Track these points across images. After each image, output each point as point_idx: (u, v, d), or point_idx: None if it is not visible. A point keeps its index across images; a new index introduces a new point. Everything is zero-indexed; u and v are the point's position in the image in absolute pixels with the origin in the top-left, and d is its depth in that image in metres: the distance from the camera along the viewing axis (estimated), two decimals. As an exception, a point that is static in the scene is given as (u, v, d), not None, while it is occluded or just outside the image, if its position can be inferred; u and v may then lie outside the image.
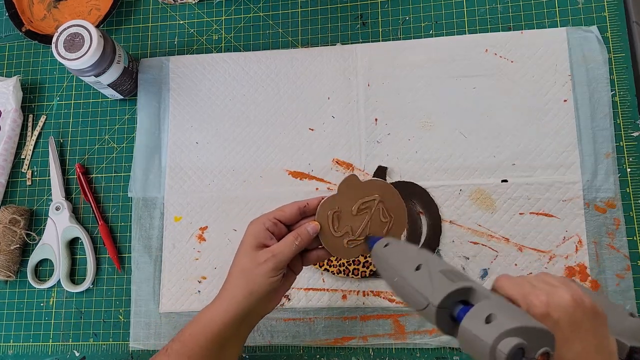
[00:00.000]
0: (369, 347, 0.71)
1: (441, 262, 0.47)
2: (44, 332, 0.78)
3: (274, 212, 0.57)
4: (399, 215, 0.58)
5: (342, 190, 0.57)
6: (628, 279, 0.68)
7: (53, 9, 0.90)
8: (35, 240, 0.80)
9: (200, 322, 0.56)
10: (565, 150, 0.72)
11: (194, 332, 0.56)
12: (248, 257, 0.55)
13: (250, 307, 0.55)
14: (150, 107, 0.82)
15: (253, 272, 0.54)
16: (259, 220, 0.57)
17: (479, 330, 0.39)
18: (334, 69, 0.80)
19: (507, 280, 0.47)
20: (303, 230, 0.56)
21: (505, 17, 0.79)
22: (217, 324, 0.55)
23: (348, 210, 0.57)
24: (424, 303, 0.43)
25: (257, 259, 0.55)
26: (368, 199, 0.57)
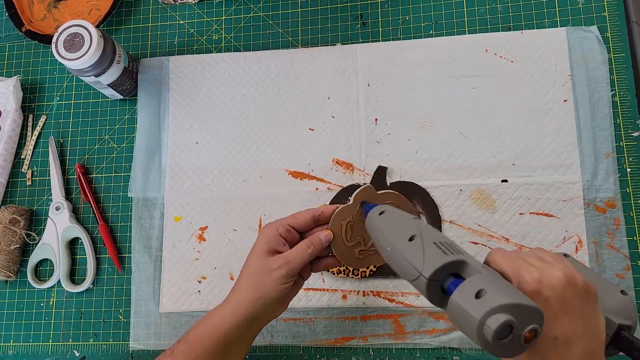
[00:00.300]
0: (369, 347, 0.71)
1: (436, 232, 0.47)
2: (44, 332, 0.78)
3: (287, 218, 0.57)
4: None
5: (358, 200, 0.57)
6: (628, 279, 0.68)
7: (53, 9, 0.90)
8: (35, 240, 0.80)
9: (208, 324, 0.56)
10: (565, 150, 0.72)
11: (201, 333, 0.56)
12: (260, 261, 0.55)
13: (258, 311, 0.55)
14: (150, 107, 0.82)
15: (264, 278, 0.54)
16: (272, 225, 0.57)
17: (469, 305, 0.39)
18: (334, 69, 0.80)
19: (500, 255, 0.47)
20: (316, 238, 0.56)
21: (505, 17, 0.79)
22: (224, 326, 0.55)
23: (361, 220, 0.57)
24: (415, 274, 0.44)
25: (269, 265, 0.54)
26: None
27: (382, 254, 0.50)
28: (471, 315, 0.39)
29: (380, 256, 0.54)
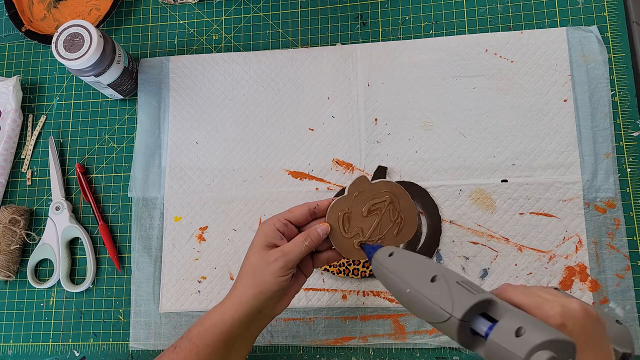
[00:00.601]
0: (369, 347, 0.71)
1: (455, 273, 0.47)
2: (44, 332, 0.78)
3: (284, 213, 0.57)
4: (410, 215, 0.58)
5: (352, 191, 0.58)
6: (628, 279, 0.68)
7: (53, 9, 0.90)
8: (35, 240, 0.80)
9: (209, 320, 0.56)
10: (565, 150, 0.72)
11: (202, 330, 0.56)
12: (257, 256, 0.56)
13: (259, 306, 0.55)
14: (150, 107, 0.82)
15: (262, 271, 0.55)
16: (269, 221, 0.57)
17: (510, 344, 0.39)
18: (334, 69, 0.80)
19: (517, 291, 0.46)
20: (313, 231, 0.56)
21: (505, 17, 0.79)
22: (226, 323, 0.55)
23: (358, 211, 0.58)
24: (444, 316, 0.43)
25: (267, 259, 0.55)
26: (378, 200, 0.58)
27: (398, 298, 0.49)
28: (514, 354, 0.39)
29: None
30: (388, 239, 0.58)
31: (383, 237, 0.58)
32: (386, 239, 0.58)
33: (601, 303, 0.68)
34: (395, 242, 0.58)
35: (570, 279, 0.68)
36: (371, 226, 0.57)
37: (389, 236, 0.58)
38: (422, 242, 0.72)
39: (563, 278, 0.69)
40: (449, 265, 0.71)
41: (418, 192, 0.73)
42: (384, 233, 0.58)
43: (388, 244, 0.57)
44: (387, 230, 0.58)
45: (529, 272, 0.69)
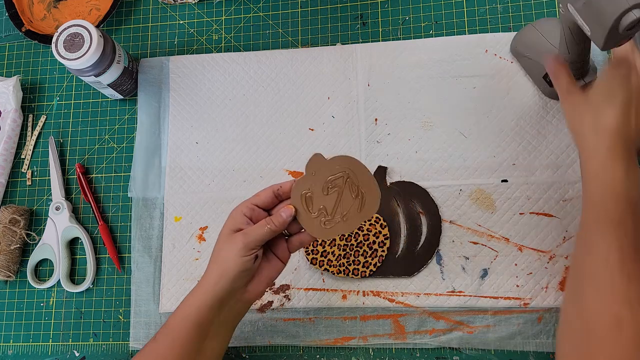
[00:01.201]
0: (369, 347, 0.71)
1: None
2: (44, 332, 0.78)
3: (251, 198, 0.58)
4: (370, 189, 0.56)
5: (310, 170, 0.57)
6: (628, 279, 0.68)
7: (53, 9, 0.90)
8: (35, 240, 0.80)
9: (182, 308, 0.57)
10: (565, 150, 0.72)
11: (177, 317, 0.57)
12: (222, 240, 0.56)
13: (225, 288, 0.55)
14: (150, 107, 0.82)
15: (224, 253, 0.55)
16: (237, 207, 0.57)
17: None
18: (334, 68, 0.80)
19: None
20: (277, 214, 0.56)
21: (505, 17, 0.79)
22: (196, 307, 0.56)
23: (318, 190, 0.57)
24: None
25: (229, 241, 0.55)
26: (333, 177, 0.57)
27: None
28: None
29: (346, 225, 0.56)
30: (352, 216, 0.56)
31: (346, 214, 0.56)
32: (350, 216, 0.56)
33: (601, 303, 0.68)
34: (360, 218, 0.56)
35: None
36: (333, 204, 0.57)
37: (353, 212, 0.56)
38: (422, 242, 0.72)
39: (563, 278, 0.69)
40: (449, 266, 0.71)
41: (418, 192, 0.73)
42: (348, 210, 0.56)
43: (352, 221, 0.57)
44: (350, 207, 0.56)
45: (529, 272, 0.69)
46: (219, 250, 0.56)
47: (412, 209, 0.72)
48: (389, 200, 0.73)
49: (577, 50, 0.61)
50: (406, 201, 0.73)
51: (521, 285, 0.69)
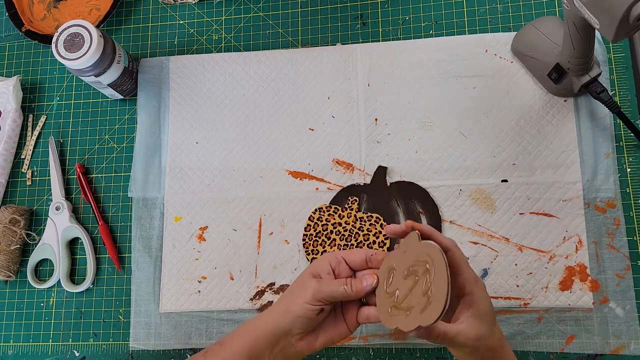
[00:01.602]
0: (369, 347, 0.71)
1: None
2: (44, 332, 0.78)
3: (343, 251, 0.56)
4: (439, 293, 0.47)
5: (402, 248, 0.52)
6: (628, 278, 0.68)
7: (53, 9, 0.90)
8: (35, 240, 0.80)
9: (243, 328, 0.57)
10: (565, 150, 0.72)
11: (234, 336, 0.57)
12: (300, 279, 0.56)
13: (284, 327, 0.54)
14: (150, 107, 0.82)
15: (294, 293, 0.55)
16: (326, 254, 0.57)
17: None
18: (334, 68, 0.80)
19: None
20: (358, 279, 0.54)
21: (505, 17, 0.79)
22: (254, 333, 0.55)
23: (401, 270, 0.51)
24: None
25: (303, 284, 0.54)
26: (417, 263, 0.50)
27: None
28: None
29: (405, 321, 0.49)
30: (413, 315, 0.49)
31: (409, 310, 0.49)
32: (411, 314, 0.49)
33: (601, 303, 0.68)
34: (418, 321, 0.48)
35: (571, 279, 0.68)
36: (405, 291, 0.50)
37: (415, 312, 0.49)
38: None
39: (563, 278, 0.69)
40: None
41: (418, 192, 0.73)
42: (413, 305, 0.49)
43: (411, 320, 0.49)
44: (416, 304, 0.49)
45: (529, 272, 0.69)
46: (292, 288, 0.56)
47: (412, 209, 0.72)
48: (389, 200, 0.73)
49: (583, 45, 0.62)
50: (406, 201, 0.73)
51: (521, 285, 0.69)
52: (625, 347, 0.66)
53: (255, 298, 0.73)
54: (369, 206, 0.73)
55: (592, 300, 0.68)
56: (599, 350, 0.67)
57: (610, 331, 0.67)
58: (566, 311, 0.68)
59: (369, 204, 0.73)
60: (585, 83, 0.68)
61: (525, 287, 0.69)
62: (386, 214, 0.73)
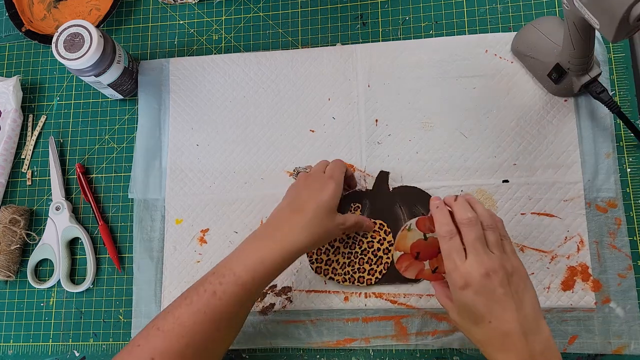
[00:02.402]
0: (369, 349, 0.71)
1: None
2: (44, 332, 0.78)
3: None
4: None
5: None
6: (630, 278, 0.68)
7: (53, 9, 0.90)
8: (35, 240, 0.80)
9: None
10: (566, 150, 0.72)
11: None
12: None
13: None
14: (150, 109, 0.82)
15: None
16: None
17: None
18: (334, 69, 0.80)
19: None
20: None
21: (505, 17, 0.79)
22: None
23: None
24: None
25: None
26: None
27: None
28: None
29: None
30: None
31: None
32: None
33: (603, 303, 0.68)
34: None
35: (572, 279, 0.68)
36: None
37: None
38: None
39: (565, 278, 0.69)
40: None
41: (421, 197, 0.72)
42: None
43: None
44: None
45: (530, 272, 0.69)
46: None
47: (415, 214, 0.72)
48: (392, 206, 0.72)
49: (583, 45, 0.62)
50: (410, 206, 0.72)
51: (522, 285, 0.69)
52: (626, 347, 0.66)
53: (257, 300, 0.73)
54: (372, 212, 0.73)
55: (594, 300, 0.68)
56: (600, 350, 0.67)
57: (612, 331, 0.67)
58: (568, 311, 0.68)
59: (371, 210, 0.73)
60: (585, 83, 0.68)
61: (526, 287, 0.69)
62: (390, 220, 0.72)
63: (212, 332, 0.57)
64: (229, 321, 0.59)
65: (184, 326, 0.56)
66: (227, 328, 0.59)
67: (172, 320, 0.57)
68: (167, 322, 0.57)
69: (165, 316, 0.58)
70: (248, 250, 0.61)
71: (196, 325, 0.56)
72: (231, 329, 0.60)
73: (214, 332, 0.57)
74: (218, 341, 0.58)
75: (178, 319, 0.57)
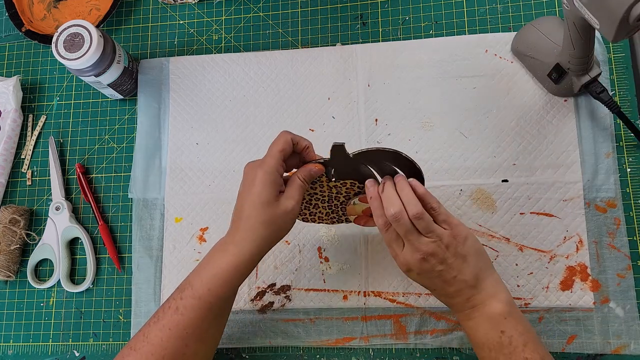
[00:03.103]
0: (369, 348, 0.71)
1: None
2: (44, 332, 0.78)
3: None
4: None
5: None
6: (629, 278, 0.68)
7: (53, 9, 0.90)
8: (35, 240, 0.80)
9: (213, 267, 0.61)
10: (565, 150, 0.72)
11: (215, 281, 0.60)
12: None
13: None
14: (150, 108, 0.82)
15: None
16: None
17: None
18: (334, 69, 0.80)
19: None
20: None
21: (505, 17, 0.79)
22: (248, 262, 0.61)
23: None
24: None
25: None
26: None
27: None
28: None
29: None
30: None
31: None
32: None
33: (602, 303, 0.68)
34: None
35: (571, 279, 0.68)
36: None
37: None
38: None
39: (564, 278, 0.69)
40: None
41: (387, 155, 0.61)
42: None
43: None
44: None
45: (529, 272, 0.69)
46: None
47: (384, 169, 0.63)
48: (358, 167, 0.62)
49: (583, 45, 0.62)
50: (377, 163, 0.62)
51: (522, 285, 0.69)
52: (625, 347, 0.66)
53: (256, 299, 0.73)
54: (339, 177, 0.64)
55: (592, 300, 0.68)
56: (599, 350, 0.67)
57: (611, 331, 0.67)
58: (567, 311, 0.68)
59: (337, 175, 0.64)
60: (585, 83, 0.68)
61: (526, 287, 0.69)
62: (360, 180, 0.64)
63: (181, 348, 0.57)
64: (196, 335, 0.58)
65: (152, 344, 0.57)
66: (195, 343, 0.59)
67: (142, 339, 0.58)
68: (138, 340, 0.58)
69: (138, 335, 0.59)
70: (205, 262, 0.60)
71: (163, 341, 0.57)
72: (202, 344, 0.60)
73: (182, 347, 0.57)
74: (189, 356, 0.58)
75: (147, 337, 0.58)
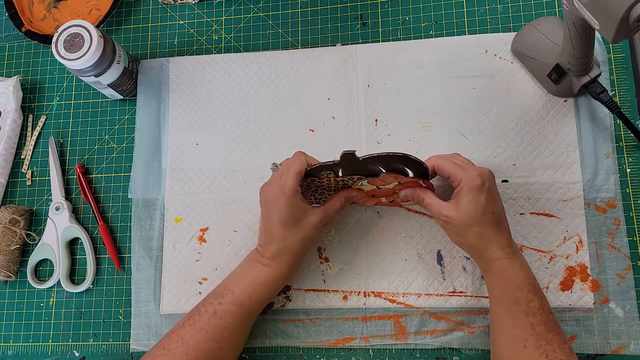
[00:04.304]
0: (369, 348, 0.71)
1: None
2: (44, 332, 0.78)
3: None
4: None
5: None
6: (629, 278, 0.68)
7: (53, 9, 0.90)
8: (35, 240, 0.80)
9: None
10: (565, 150, 0.72)
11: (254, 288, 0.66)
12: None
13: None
14: (150, 108, 0.82)
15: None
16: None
17: None
18: (334, 69, 0.80)
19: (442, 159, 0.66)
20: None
21: (505, 17, 0.79)
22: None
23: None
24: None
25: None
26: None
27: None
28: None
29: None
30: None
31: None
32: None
33: (602, 303, 0.68)
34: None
35: (571, 279, 0.69)
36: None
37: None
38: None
39: (564, 278, 0.69)
40: (450, 266, 0.71)
41: (396, 158, 0.63)
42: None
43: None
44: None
45: (529, 273, 0.69)
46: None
47: (395, 166, 0.64)
48: (366, 167, 0.64)
49: (582, 45, 0.62)
50: (385, 164, 0.64)
51: (521, 285, 0.69)
52: (626, 347, 0.66)
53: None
54: (346, 174, 0.66)
55: (592, 300, 0.68)
56: (599, 350, 0.67)
57: (611, 331, 0.67)
58: (567, 311, 0.68)
59: (345, 172, 0.65)
60: (585, 83, 0.68)
61: (526, 287, 0.69)
62: (367, 175, 0.66)
63: (215, 350, 0.61)
64: (230, 339, 0.62)
65: (187, 345, 0.60)
66: (229, 345, 0.62)
67: (177, 340, 0.61)
68: (172, 341, 0.61)
69: (170, 336, 0.62)
70: (245, 270, 0.65)
71: (199, 343, 0.60)
72: (234, 346, 0.64)
73: (216, 349, 0.61)
74: (220, 357, 0.62)
75: (182, 338, 0.61)
